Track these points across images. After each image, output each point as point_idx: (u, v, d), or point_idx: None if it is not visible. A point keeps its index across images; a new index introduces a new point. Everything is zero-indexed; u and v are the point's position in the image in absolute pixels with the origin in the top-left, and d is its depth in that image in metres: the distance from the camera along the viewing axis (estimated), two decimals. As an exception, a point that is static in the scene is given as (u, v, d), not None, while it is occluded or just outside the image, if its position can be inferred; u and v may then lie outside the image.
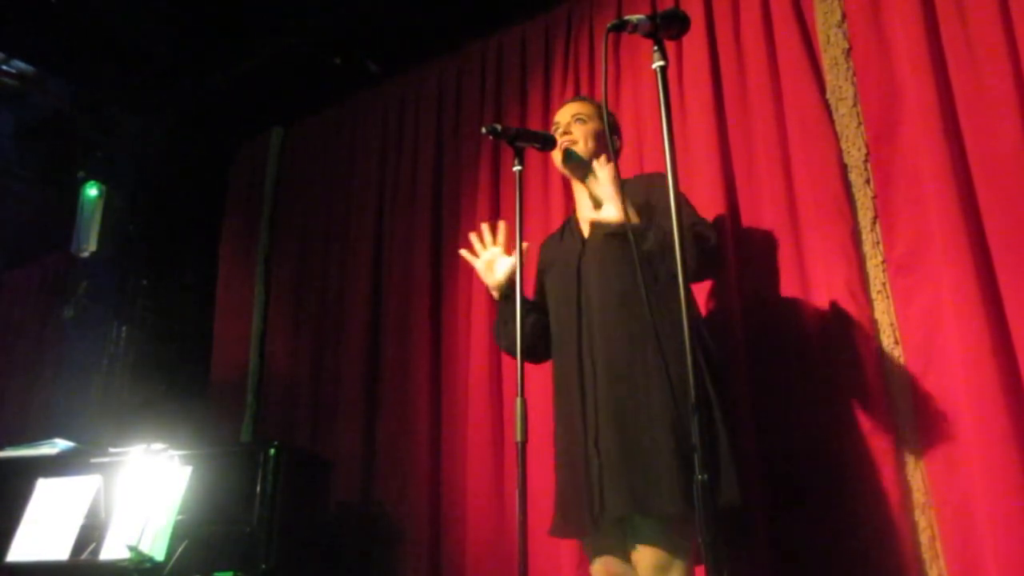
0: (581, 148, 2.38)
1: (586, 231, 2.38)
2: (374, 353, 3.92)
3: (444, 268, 3.80)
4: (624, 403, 2.08)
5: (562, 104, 2.56)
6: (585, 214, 2.39)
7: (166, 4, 3.98)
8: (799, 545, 2.48)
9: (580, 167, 2.38)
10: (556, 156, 2.42)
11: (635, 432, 2.05)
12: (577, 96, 2.66)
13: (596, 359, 2.17)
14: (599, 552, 2.18)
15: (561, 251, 2.43)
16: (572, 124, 2.40)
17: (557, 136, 2.41)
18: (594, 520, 2.04)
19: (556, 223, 2.94)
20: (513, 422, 2.08)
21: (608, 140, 2.09)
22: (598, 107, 2.44)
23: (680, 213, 1.64)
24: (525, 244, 2.22)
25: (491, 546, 3.11)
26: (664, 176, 2.26)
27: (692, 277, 2.12)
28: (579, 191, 2.46)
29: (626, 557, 2.10)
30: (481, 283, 3.46)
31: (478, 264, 2.46)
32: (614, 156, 2.13)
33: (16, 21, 4.02)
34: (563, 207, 3.27)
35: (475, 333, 3.45)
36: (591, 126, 2.40)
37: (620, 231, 2.07)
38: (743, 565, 2.45)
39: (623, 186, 2.23)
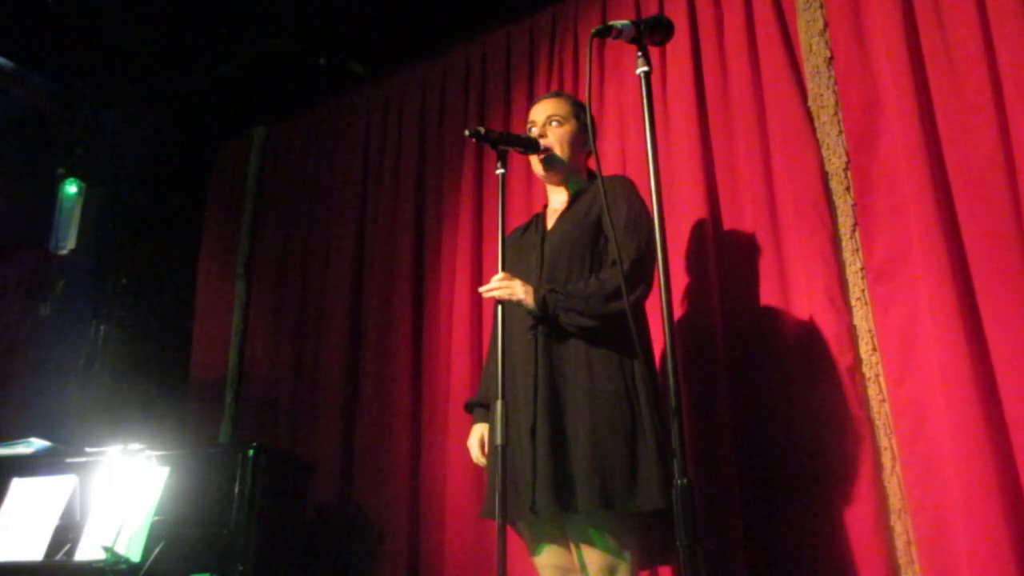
0: (556, 154, 2.35)
1: (550, 223, 2.38)
2: (355, 354, 3.91)
3: (426, 269, 3.79)
4: (562, 399, 2.10)
5: (539, 99, 2.51)
6: (554, 206, 2.43)
7: (150, 1, 3.94)
8: (775, 549, 2.50)
9: (558, 172, 2.38)
10: (534, 159, 2.39)
11: (564, 428, 2.06)
12: (553, 92, 2.56)
13: (550, 349, 2.16)
14: (540, 540, 2.18)
15: (525, 240, 2.43)
16: (547, 127, 2.37)
17: (531, 134, 2.38)
18: (532, 509, 2.02)
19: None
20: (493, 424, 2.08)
21: (591, 142, 2.14)
22: (574, 104, 2.41)
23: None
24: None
25: (470, 548, 3.10)
26: (623, 185, 2.28)
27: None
28: (551, 189, 2.47)
29: (567, 547, 2.10)
30: (462, 285, 3.50)
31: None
32: (595, 155, 2.13)
33: (-4, 16, 3.98)
34: (546, 210, 3.28)
35: (456, 334, 3.44)
36: (567, 128, 2.36)
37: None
38: (719, 567, 2.47)
39: (597, 181, 2.22)
